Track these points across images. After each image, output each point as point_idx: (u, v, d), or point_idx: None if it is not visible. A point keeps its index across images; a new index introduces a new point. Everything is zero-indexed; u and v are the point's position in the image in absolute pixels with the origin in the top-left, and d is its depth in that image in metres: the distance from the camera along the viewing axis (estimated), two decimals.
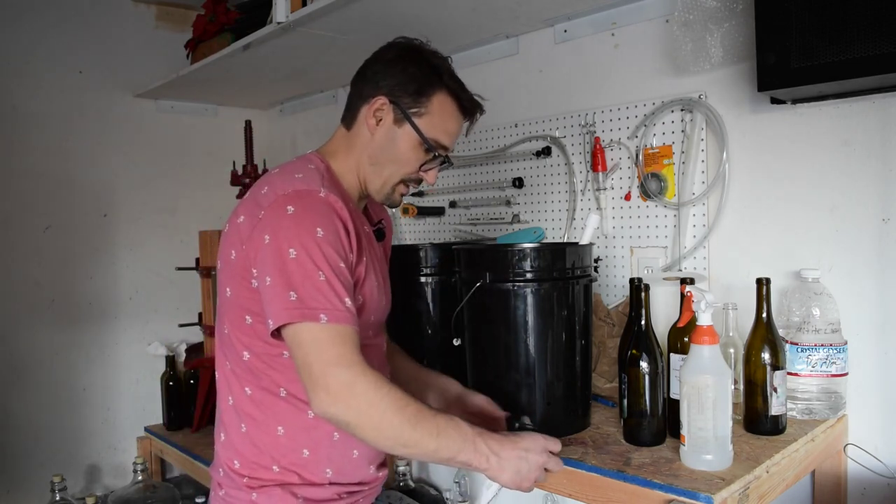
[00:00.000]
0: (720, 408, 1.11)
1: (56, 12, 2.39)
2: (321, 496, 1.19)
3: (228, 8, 2.23)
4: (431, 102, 1.22)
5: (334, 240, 1.09)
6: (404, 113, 1.21)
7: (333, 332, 1.06)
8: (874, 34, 1.12)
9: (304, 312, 1.05)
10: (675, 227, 1.64)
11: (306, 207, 1.10)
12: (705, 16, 1.47)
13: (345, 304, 1.08)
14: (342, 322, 1.06)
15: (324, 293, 1.06)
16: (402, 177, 1.25)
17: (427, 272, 1.59)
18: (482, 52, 2.05)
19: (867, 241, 1.38)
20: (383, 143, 1.23)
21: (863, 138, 1.37)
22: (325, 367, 1.05)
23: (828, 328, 1.34)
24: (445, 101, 1.23)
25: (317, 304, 1.05)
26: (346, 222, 1.13)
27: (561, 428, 1.33)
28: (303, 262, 1.06)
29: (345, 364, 1.05)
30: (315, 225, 1.08)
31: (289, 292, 1.06)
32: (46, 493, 2.08)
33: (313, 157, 1.25)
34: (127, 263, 2.57)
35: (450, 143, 1.26)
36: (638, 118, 1.70)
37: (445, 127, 1.24)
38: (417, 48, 1.25)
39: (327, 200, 1.11)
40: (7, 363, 2.31)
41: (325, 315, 1.05)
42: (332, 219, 1.11)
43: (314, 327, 1.05)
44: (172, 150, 2.69)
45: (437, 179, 1.31)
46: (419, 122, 1.21)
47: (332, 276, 1.07)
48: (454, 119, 1.25)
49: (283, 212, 1.09)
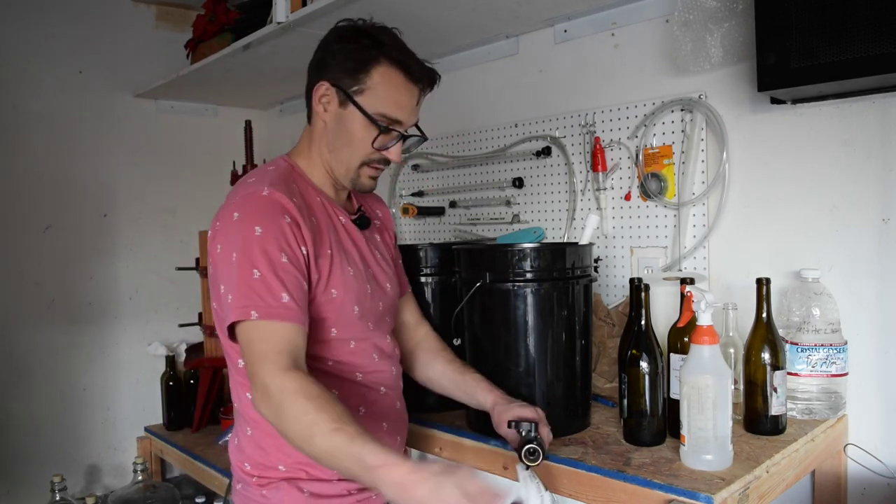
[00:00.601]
0: (720, 408, 1.11)
1: (56, 12, 2.38)
2: (329, 492, 1.19)
3: (228, 8, 2.23)
4: (371, 77, 1.17)
5: (276, 236, 1.09)
6: (346, 93, 1.17)
7: (262, 329, 1.06)
8: (874, 34, 1.12)
9: (238, 311, 1.07)
10: (675, 227, 1.64)
11: (248, 210, 1.11)
12: (705, 16, 1.47)
13: (280, 299, 1.06)
14: (274, 318, 1.06)
15: (256, 290, 1.06)
16: (361, 159, 1.21)
17: (427, 272, 1.59)
18: (482, 52, 2.05)
19: (867, 241, 1.38)
20: (335, 129, 1.20)
21: (863, 138, 1.37)
22: (251, 367, 1.06)
23: (828, 328, 1.34)
24: (388, 72, 1.17)
25: (248, 302, 1.06)
26: (294, 215, 1.12)
27: (561, 428, 1.33)
28: (241, 263, 1.08)
29: (262, 362, 1.04)
30: (254, 224, 1.09)
31: (228, 294, 1.08)
32: (46, 493, 2.08)
33: (278, 159, 1.26)
34: (127, 263, 2.56)
35: (402, 115, 1.19)
36: (638, 118, 1.70)
37: (392, 99, 1.18)
38: (355, 27, 1.21)
39: (270, 198, 1.11)
40: (7, 363, 2.31)
41: (255, 311, 1.06)
42: (274, 216, 1.10)
43: (247, 325, 1.07)
44: (172, 150, 2.69)
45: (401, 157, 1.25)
46: (362, 100, 1.17)
47: (267, 273, 1.07)
48: (402, 89, 1.18)
49: (231, 219, 1.11)
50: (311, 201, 1.21)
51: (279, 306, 1.07)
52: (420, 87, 1.21)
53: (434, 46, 2.05)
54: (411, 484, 0.91)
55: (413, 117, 1.22)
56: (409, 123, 1.22)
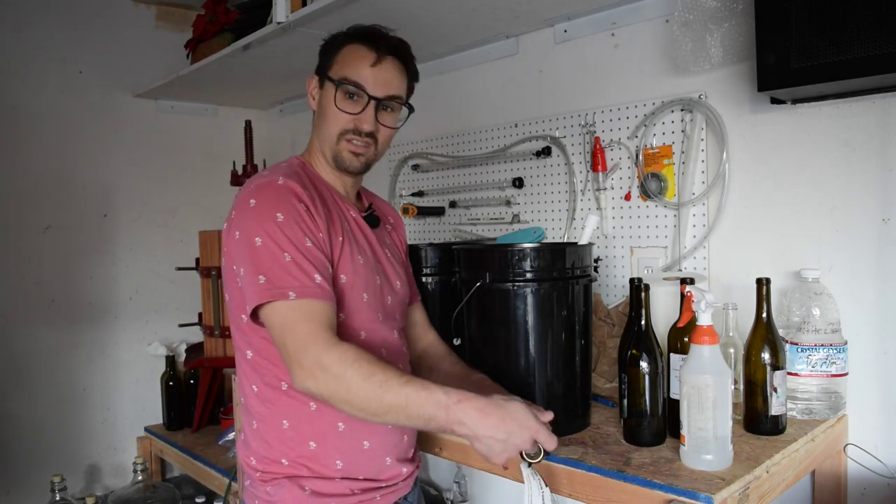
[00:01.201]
0: (720, 408, 1.11)
1: (56, 13, 2.39)
2: (332, 490, 1.19)
3: (228, 8, 2.23)
4: (340, 53, 1.26)
5: (297, 221, 1.13)
6: (319, 74, 1.28)
7: (303, 309, 1.09)
8: (874, 34, 1.12)
9: (273, 292, 1.09)
10: (675, 227, 1.64)
11: (265, 197, 1.15)
12: (705, 16, 1.47)
13: (314, 280, 1.11)
14: (311, 297, 1.10)
15: (290, 272, 1.10)
16: (338, 130, 1.25)
17: (427, 272, 1.59)
18: (482, 52, 2.05)
19: (867, 241, 1.38)
20: (319, 111, 1.29)
21: (863, 138, 1.37)
22: (297, 344, 1.08)
23: (828, 328, 1.34)
24: (352, 46, 1.26)
25: (284, 283, 1.09)
26: (307, 202, 1.16)
27: (561, 428, 1.32)
28: (268, 247, 1.11)
29: (313, 339, 1.08)
30: (275, 211, 1.13)
31: (258, 276, 1.10)
32: (46, 493, 2.08)
33: (291, 158, 1.31)
34: (127, 263, 2.57)
35: (362, 77, 1.23)
36: (638, 118, 1.70)
37: (351, 63, 1.24)
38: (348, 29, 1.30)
39: (286, 186, 1.16)
40: (7, 363, 2.31)
41: (293, 292, 1.09)
42: (292, 202, 1.15)
43: (284, 305, 1.09)
44: (172, 150, 2.69)
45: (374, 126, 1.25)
46: (330, 73, 1.25)
47: (297, 256, 1.11)
48: (361, 54, 1.25)
49: (247, 207, 1.15)
50: (324, 194, 1.25)
51: (315, 286, 1.10)
52: (379, 53, 1.24)
53: (434, 46, 2.05)
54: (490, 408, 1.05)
55: (378, 84, 1.24)
56: (375, 89, 1.24)
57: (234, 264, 1.16)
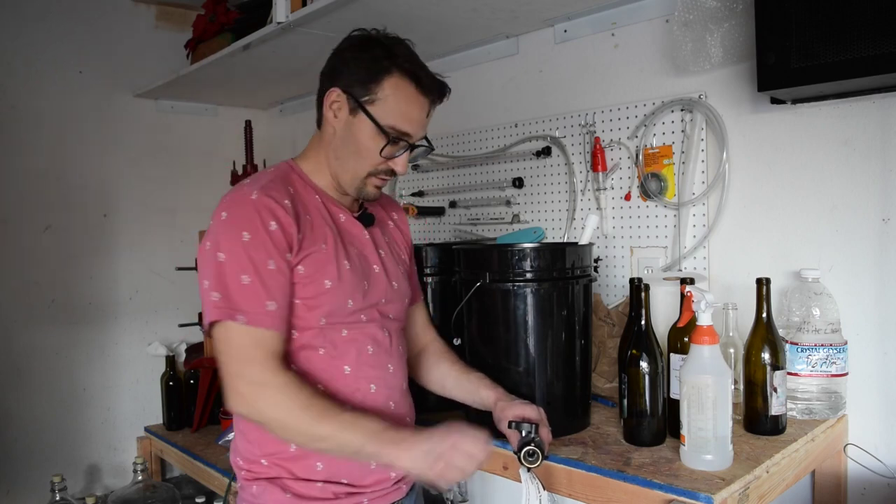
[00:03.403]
0: (720, 408, 1.11)
1: (56, 12, 2.38)
2: (314, 494, 1.17)
3: (228, 8, 2.23)
4: (383, 87, 1.16)
5: (262, 241, 1.11)
6: (357, 102, 1.17)
7: (249, 335, 1.09)
8: (874, 34, 1.12)
9: (225, 312, 1.09)
10: (675, 227, 1.64)
11: (235, 212, 1.13)
12: (705, 16, 1.47)
13: (265, 307, 1.10)
14: (260, 325, 1.10)
15: (245, 295, 1.09)
16: (368, 169, 1.21)
17: (427, 272, 1.59)
18: (482, 52, 2.05)
19: (867, 241, 1.38)
20: (343, 137, 1.20)
21: (863, 138, 1.37)
22: (236, 369, 1.10)
23: (828, 328, 1.34)
24: (400, 83, 1.17)
25: (236, 306, 1.09)
26: (281, 218, 1.13)
27: (561, 428, 1.33)
28: (229, 265, 1.10)
29: (256, 367, 1.09)
30: (241, 229, 1.11)
31: (213, 292, 1.10)
32: (46, 493, 2.08)
33: (282, 163, 1.27)
34: (127, 263, 2.56)
35: (412, 128, 1.19)
36: (638, 118, 1.70)
37: (403, 111, 1.17)
38: (368, 36, 1.21)
39: (258, 202, 1.12)
40: (7, 363, 2.31)
41: (242, 316, 1.09)
42: (261, 221, 1.12)
43: (232, 326, 1.10)
44: (172, 150, 2.69)
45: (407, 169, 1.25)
46: (373, 110, 1.17)
47: (255, 279, 1.10)
48: (413, 101, 1.18)
49: (219, 218, 1.14)
50: (308, 200, 1.21)
51: (265, 314, 1.10)
52: (430, 100, 1.21)
53: (434, 46, 2.05)
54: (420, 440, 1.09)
55: (422, 130, 1.22)
56: (418, 136, 1.21)
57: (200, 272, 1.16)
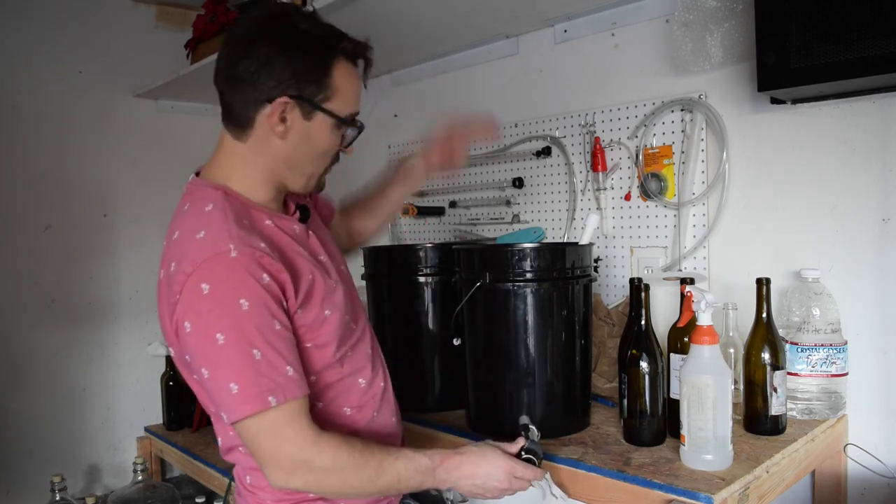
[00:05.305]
0: (720, 408, 1.11)
1: (56, 12, 2.38)
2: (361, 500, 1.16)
3: (228, 8, 2.23)
4: (333, 78, 1.06)
5: (264, 303, 0.98)
6: (313, 104, 1.06)
7: (284, 412, 0.99)
8: (874, 34, 1.12)
9: (255, 402, 0.97)
10: (675, 227, 1.64)
11: (221, 281, 0.97)
12: (705, 16, 1.47)
13: (287, 374, 0.99)
14: (290, 396, 0.99)
15: (263, 373, 0.97)
16: (327, 163, 1.15)
17: (427, 272, 1.59)
18: (482, 52, 2.05)
19: (867, 241, 1.38)
20: (299, 144, 1.08)
21: (863, 138, 1.37)
22: (278, 449, 1.00)
23: (828, 328, 1.34)
24: (342, 65, 1.07)
25: (261, 389, 0.97)
26: (269, 268, 1.00)
27: (561, 428, 1.33)
28: (235, 346, 0.96)
29: (298, 443, 1.00)
30: (236, 299, 0.97)
31: (229, 385, 0.97)
32: (46, 493, 2.08)
33: (206, 191, 1.08)
34: (127, 263, 2.56)
35: (359, 105, 1.12)
36: (638, 118, 1.70)
37: (354, 94, 1.10)
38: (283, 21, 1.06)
39: (241, 258, 0.98)
40: (7, 363, 2.31)
41: (272, 397, 0.97)
42: (254, 280, 0.98)
43: (265, 415, 0.98)
44: (172, 150, 2.68)
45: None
46: (331, 106, 1.07)
47: (267, 350, 0.98)
48: (355, 78, 1.10)
49: (199, 293, 0.97)
50: (265, 230, 1.08)
51: (288, 382, 0.99)
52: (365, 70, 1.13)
53: (434, 46, 2.05)
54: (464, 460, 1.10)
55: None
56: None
57: (188, 355, 1.02)
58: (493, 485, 1.11)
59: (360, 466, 1.04)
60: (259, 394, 0.97)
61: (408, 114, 2.34)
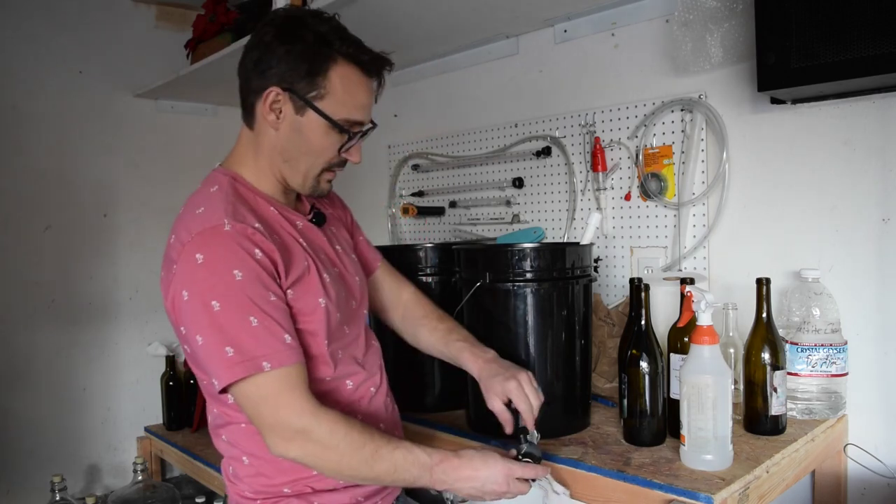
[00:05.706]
0: (720, 408, 1.11)
1: (56, 13, 2.38)
2: (338, 501, 1.16)
3: (228, 8, 2.23)
4: (329, 79, 1.08)
5: (257, 275, 1.01)
6: (303, 100, 1.08)
7: (280, 378, 1.01)
8: (874, 34, 1.12)
9: (247, 366, 0.99)
10: (675, 227, 1.64)
11: (215, 251, 1.01)
12: (705, 16, 1.47)
13: (284, 341, 1.02)
14: (286, 363, 1.01)
15: (260, 339, 1.00)
16: (322, 166, 1.14)
17: (427, 272, 1.59)
18: (482, 52, 2.05)
19: (867, 241, 1.38)
20: (291, 137, 1.11)
21: (863, 138, 1.37)
22: (278, 416, 1.02)
23: (828, 328, 1.34)
24: (345, 70, 1.09)
25: (256, 353, 1.00)
26: (263, 245, 1.03)
27: (561, 428, 1.33)
28: (230, 312, 0.99)
29: (297, 411, 1.02)
30: (230, 268, 1.00)
31: (224, 348, 0.99)
32: (46, 493, 2.08)
33: (217, 176, 1.15)
34: (127, 263, 2.56)
35: (363, 115, 1.12)
36: (638, 118, 1.70)
37: (354, 101, 1.10)
38: (295, 18, 1.10)
39: (234, 233, 1.02)
40: (7, 363, 2.30)
41: (267, 362, 1.00)
42: (248, 250, 1.01)
43: (259, 379, 1.00)
44: (172, 150, 2.68)
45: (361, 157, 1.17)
46: (323, 105, 1.08)
47: (263, 317, 1.00)
48: (361, 87, 1.11)
49: (194, 263, 1.01)
50: (267, 215, 1.12)
51: (286, 348, 1.02)
52: (377, 81, 1.14)
53: (434, 46, 2.05)
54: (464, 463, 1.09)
55: (371, 113, 1.15)
56: (368, 121, 1.15)
57: (183, 326, 1.04)
58: (491, 488, 1.11)
59: (358, 447, 1.04)
60: (254, 357, 1.00)
61: (408, 114, 2.34)
